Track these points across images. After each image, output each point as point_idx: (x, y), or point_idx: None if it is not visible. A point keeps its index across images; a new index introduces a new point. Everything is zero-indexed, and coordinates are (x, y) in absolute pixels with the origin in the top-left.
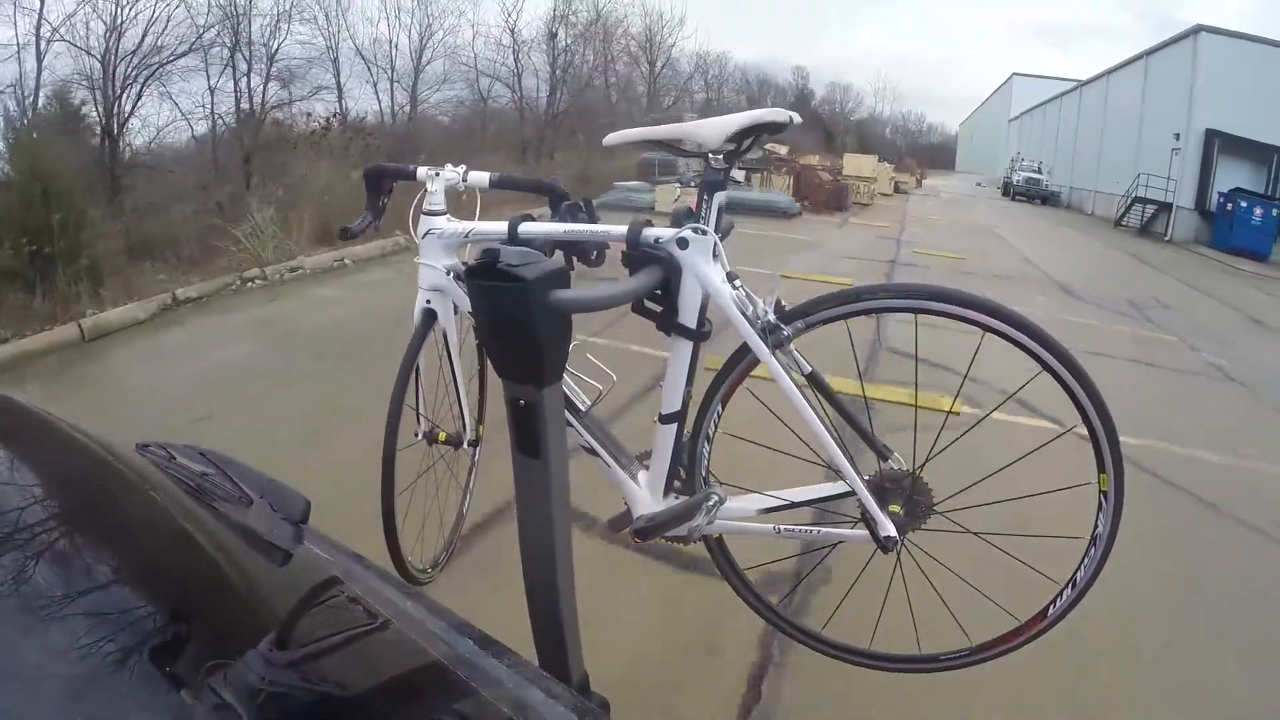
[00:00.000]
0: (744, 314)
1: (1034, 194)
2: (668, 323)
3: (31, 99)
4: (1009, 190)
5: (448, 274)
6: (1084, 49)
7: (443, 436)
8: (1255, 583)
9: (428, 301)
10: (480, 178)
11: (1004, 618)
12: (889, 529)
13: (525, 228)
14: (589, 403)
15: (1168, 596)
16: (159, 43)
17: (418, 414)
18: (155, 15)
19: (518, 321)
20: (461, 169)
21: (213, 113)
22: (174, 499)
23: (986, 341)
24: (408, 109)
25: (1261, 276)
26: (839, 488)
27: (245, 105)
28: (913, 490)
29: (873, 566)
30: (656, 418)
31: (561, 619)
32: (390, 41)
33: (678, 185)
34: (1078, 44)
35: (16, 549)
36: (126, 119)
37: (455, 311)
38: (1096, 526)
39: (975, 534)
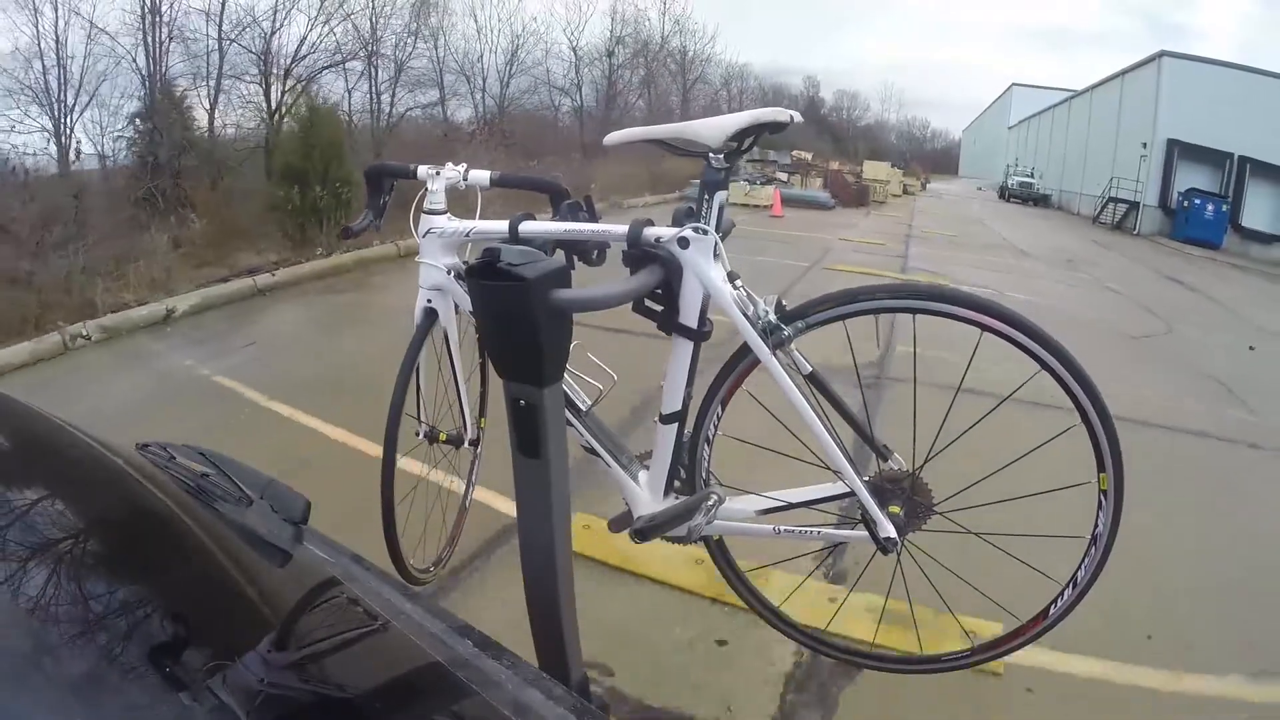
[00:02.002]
0: (744, 314)
1: (1027, 196)
2: (668, 322)
3: (215, 88)
4: (1005, 193)
5: (448, 273)
6: (1085, 53)
7: (443, 436)
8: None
9: (429, 301)
10: (481, 176)
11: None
12: (889, 530)
13: (526, 227)
14: (589, 402)
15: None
16: (310, 54)
17: (418, 415)
18: (308, 33)
19: (518, 321)
20: (462, 167)
21: (349, 111)
22: (174, 499)
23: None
24: (496, 114)
25: (1203, 258)
26: (838, 488)
27: (378, 107)
28: (912, 491)
29: (875, 566)
30: (657, 418)
31: (561, 620)
32: (480, 58)
33: (745, 183)
34: (1079, 48)
35: (16, 549)
36: (288, 111)
37: (456, 310)
38: (1097, 526)
39: (976, 534)
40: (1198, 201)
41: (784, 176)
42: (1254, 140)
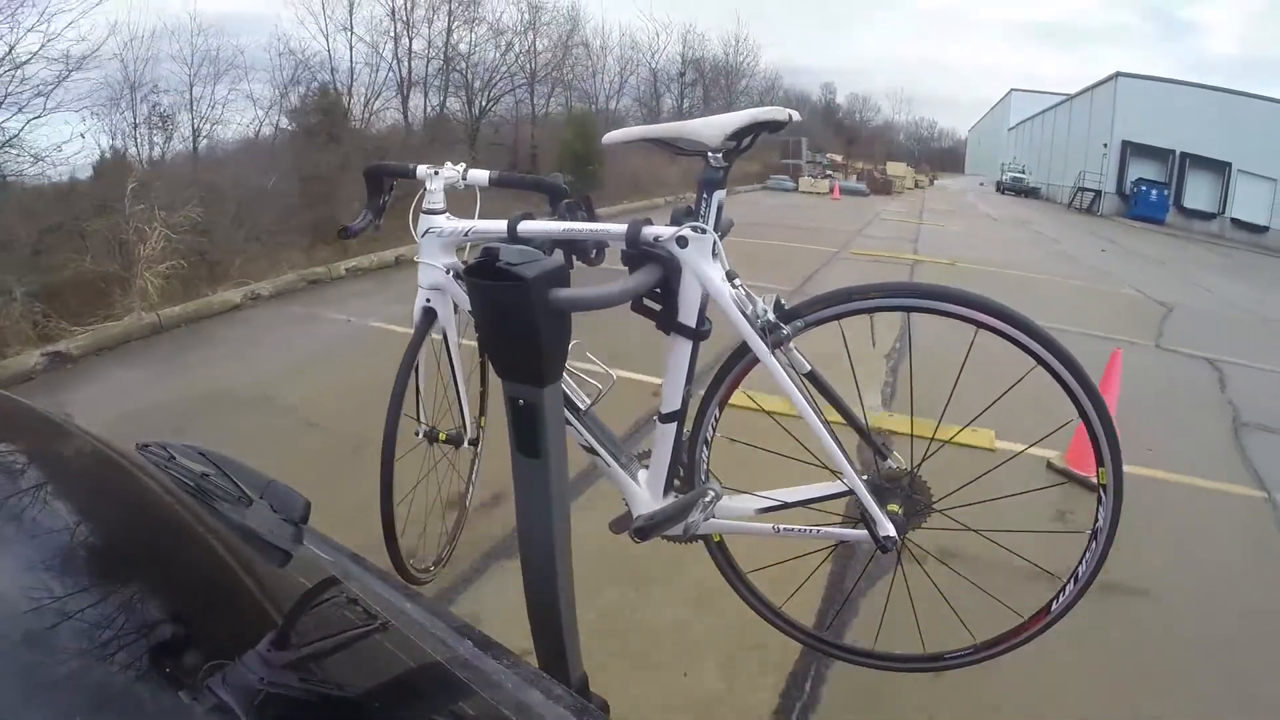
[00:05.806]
0: (743, 313)
1: (1019, 189)
2: (667, 321)
3: (442, 99)
4: (1000, 187)
5: (447, 272)
6: (1094, 50)
7: (443, 436)
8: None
9: (428, 300)
10: (480, 176)
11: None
12: (888, 529)
13: (525, 226)
14: (589, 401)
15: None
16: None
17: (418, 415)
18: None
19: (517, 320)
20: (461, 167)
21: (518, 114)
22: (174, 499)
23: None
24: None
25: (1142, 229)
26: (837, 487)
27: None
28: (911, 489)
29: (876, 565)
30: (656, 417)
31: (561, 619)
32: (594, 77)
33: (811, 178)
34: (1087, 46)
35: (16, 548)
36: (484, 115)
37: (455, 310)
38: (1096, 520)
39: (975, 531)
40: (1143, 188)
41: (831, 173)
42: (1194, 139)
